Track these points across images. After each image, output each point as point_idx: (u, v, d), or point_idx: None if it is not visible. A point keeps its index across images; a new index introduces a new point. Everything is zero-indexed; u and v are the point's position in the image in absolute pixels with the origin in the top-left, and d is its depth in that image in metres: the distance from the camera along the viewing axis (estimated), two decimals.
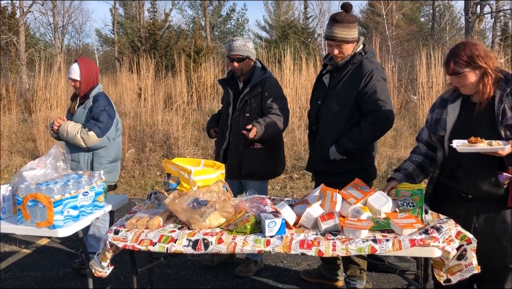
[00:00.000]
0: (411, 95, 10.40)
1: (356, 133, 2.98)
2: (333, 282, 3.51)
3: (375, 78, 2.94)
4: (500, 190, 2.26)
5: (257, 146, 3.49)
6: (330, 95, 3.09)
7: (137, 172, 7.71)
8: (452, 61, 2.28)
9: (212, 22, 30.35)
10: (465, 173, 2.34)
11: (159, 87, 10.79)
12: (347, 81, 3.03)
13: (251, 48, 3.51)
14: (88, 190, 2.72)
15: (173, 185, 2.60)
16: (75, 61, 3.79)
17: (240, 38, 3.55)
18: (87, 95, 3.74)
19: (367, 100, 2.94)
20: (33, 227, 2.48)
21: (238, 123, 3.51)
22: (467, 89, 2.32)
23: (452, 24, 26.51)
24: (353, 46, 3.04)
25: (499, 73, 2.29)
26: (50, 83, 10.48)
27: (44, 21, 29.55)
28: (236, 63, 3.48)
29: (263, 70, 3.57)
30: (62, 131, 3.59)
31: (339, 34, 2.96)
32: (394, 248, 2.08)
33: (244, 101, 3.50)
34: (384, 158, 7.39)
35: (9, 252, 4.43)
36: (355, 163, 3.06)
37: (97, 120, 3.63)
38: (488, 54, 2.26)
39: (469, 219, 2.33)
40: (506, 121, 2.20)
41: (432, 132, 2.53)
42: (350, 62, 3.04)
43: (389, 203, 2.33)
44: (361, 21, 28.79)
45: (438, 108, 2.51)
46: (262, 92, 3.47)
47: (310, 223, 2.34)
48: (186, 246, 2.21)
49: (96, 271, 2.41)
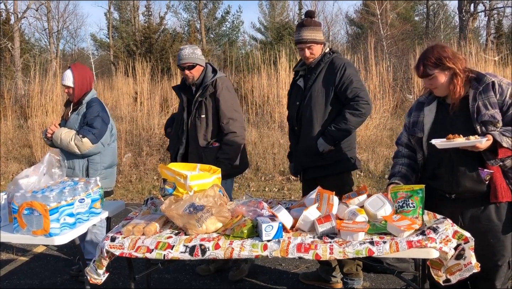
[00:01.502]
0: (407, 95, 10.42)
1: (341, 121, 3.15)
2: (332, 284, 3.51)
3: (348, 70, 3.18)
4: (482, 186, 2.32)
5: (215, 145, 3.54)
6: (308, 93, 3.27)
7: (134, 176, 7.69)
8: (422, 64, 2.39)
9: (207, 24, 30.34)
10: (446, 171, 2.40)
11: (155, 91, 10.77)
12: (323, 77, 3.24)
13: (199, 54, 3.60)
14: (84, 197, 2.70)
15: (169, 190, 2.60)
16: (69, 67, 3.77)
17: (188, 47, 3.61)
18: (81, 101, 3.72)
19: (346, 89, 3.15)
20: (29, 235, 2.47)
21: (194, 125, 3.56)
22: (439, 90, 2.41)
23: (446, 23, 26.61)
24: (321, 48, 3.29)
25: (471, 73, 2.38)
26: (46, 89, 10.46)
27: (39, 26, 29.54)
28: (187, 71, 3.57)
29: (213, 72, 3.65)
30: (56, 139, 3.58)
31: (308, 36, 3.22)
32: (392, 250, 2.07)
33: (198, 102, 3.55)
34: (381, 158, 7.40)
35: (6, 260, 4.41)
36: (340, 153, 3.24)
37: (91, 127, 3.60)
38: (456, 56, 2.36)
39: (455, 219, 2.36)
40: (481, 118, 2.28)
41: (410, 134, 2.61)
42: (322, 61, 3.27)
43: (386, 206, 2.33)
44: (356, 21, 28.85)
45: (415, 112, 2.61)
46: (215, 93, 3.54)
47: (307, 226, 2.33)
48: (183, 252, 2.21)
49: (91, 278, 2.40)
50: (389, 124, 9.00)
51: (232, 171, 3.55)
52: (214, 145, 3.54)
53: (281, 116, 9.30)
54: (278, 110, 9.45)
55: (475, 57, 9.31)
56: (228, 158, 3.47)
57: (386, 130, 8.72)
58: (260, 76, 10.44)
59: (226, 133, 3.51)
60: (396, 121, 9.17)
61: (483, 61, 9.35)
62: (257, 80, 10.42)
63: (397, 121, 9.18)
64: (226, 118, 3.52)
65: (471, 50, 9.50)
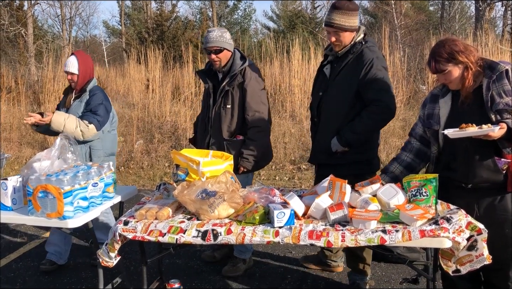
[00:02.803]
0: (420, 85, 10.31)
1: (357, 124, 2.96)
2: (332, 268, 3.52)
3: (376, 67, 2.92)
4: (499, 176, 2.30)
5: (239, 138, 3.42)
6: (331, 85, 3.08)
7: (146, 163, 7.74)
8: (433, 60, 2.35)
9: (219, 12, 30.18)
10: (463, 162, 2.38)
11: (167, 79, 10.79)
12: (348, 70, 3.00)
13: (228, 38, 3.39)
14: (97, 181, 2.73)
15: (181, 176, 2.61)
16: (72, 54, 3.75)
17: (216, 29, 3.42)
18: (84, 89, 3.72)
19: (368, 89, 2.91)
20: (43, 218, 2.50)
21: (219, 115, 3.41)
22: (454, 84, 2.38)
23: (462, 13, 26.17)
24: (352, 35, 3.00)
25: (483, 62, 2.34)
26: (59, 75, 10.53)
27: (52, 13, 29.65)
28: (213, 55, 3.36)
29: (242, 59, 3.45)
30: (58, 124, 3.49)
31: (336, 20, 2.94)
32: (404, 238, 2.07)
33: (224, 92, 3.39)
34: (393, 149, 7.35)
35: (20, 243, 4.48)
36: (358, 154, 3.04)
37: (95, 114, 3.61)
38: (468, 49, 2.32)
39: (470, 209, 2.34)
40: (496, 106, 2.26)
41: (426, 127, 2.57)
42: (350, 52, 3.01)
43: (399, 195, 2.32)
44: (369, 10, 28.49)
45: (429, 104, 2.57)
46: (243, 83, 3.37)
47: (319, 214, 2.33)
48: (195, 236, 2.22)
49: (103, 261, 2.44)
50: (402, 114, 8.92)
51: (255, 165, 3.42)
52: (238, 138, 3.40)
53: (292, 106, 9.27)
54: (289, 100, 9.41)
55: (491, 48, 9.17)
56: (252, 154, 3.33)
57: (398, 121, 8.64)
58: (272, 65, 10.39)
59: (250, 127, 3.36)
60: (409, 112, 9.09)
61: (499, 52, 9.21)
62: (269, 69, 10.38)
63: (410, 112, 9.09)
64: (252, 111, 3.35)
65: (487, 41, 9.36)
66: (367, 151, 3.09)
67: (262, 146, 3.41)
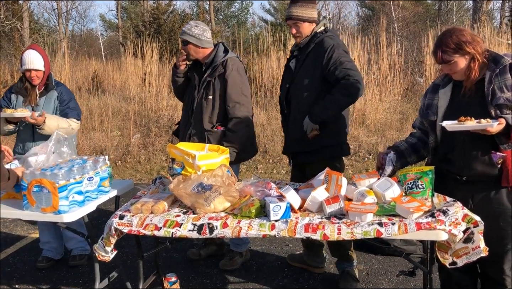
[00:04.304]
0: (418, 78, 10.31)
1: (328, 100, 3.00)
2: (314, 268, 3.55)
3: (337, 51, 3.00)
4: (494, 169, 2.28)
5: (219, 128, 3.42)
6: (297, 76, 3.18)
7: (143, 157, 7.73)
8: (440, 50, 2.30)
9: (216, 5, 30.03)
10: (459, 154, 2.36)
11: (164, 72, 10.75)
12: (311, 59, 3.10)
13: (195, 33, 3.40)
14: (93, 175, 2.71)
15: (177, 170, 2.60)
16: (32, 49, 3.53)
17: (192, 22, 3.48)
18: (49, 85, 3.60)
19: (334, 70, 2.97)
20: (38, 212, 2.49)
21: (200, 106, 3.44)
22: (458, 75, 2.35)
23: (460, 5, 26.09)
24: (311, 26, 3.13)
25: (488, 54, 2.31)
26: (55, 69, 10.48)
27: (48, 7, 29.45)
28: (183, 47, 3.48)
29: (225, 52, 3.49)
30: (52, 128, 3.32)
31: (294, 12, 3.09)
32: (400, 231, 2.06)
33: (206, 82, 3.42)
34: (391, 141, 7.34)
35: (17, 237, 4.47)
36: (329, 138, 3.12)
37: (73, 109, 3.60)
38: (475, 39, 2.28)
39: (465, 201, 2.33)
40: (496, 101, 2.22)
41: (423, 117, 2.55)
42: (312, 41, 3.12)
43: (394, 187, 2.31)
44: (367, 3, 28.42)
45: (430, 94, 2.55)
46: (224, 74, 3.38)
47: (315, 207, 2.33)
48: (191, 230, 2.21)
49: (99, 255, 2.43)
50: (399, 107, 8.92)
51: (237, 157, 3.39)
52: (219, 128, 3.41)
53: None
54: None
55: (488, 40, 9.15)
56: (231, 145, 3.30)
57: (396, 114, 8.65)
58: (269, 58, 10.36)
59: (231, 118, 3.37)
60: (406, 104, 9.09)
61: (496, 44, 9.19)
62: (266, 62, 10.34)
63: (408, 104, 9.09)
64: (232, 102, 3.38)
65: (485, 33, 9.34)
66: (337, 135, 3.18)
67: (242, 137, 3.41)
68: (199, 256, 3.84)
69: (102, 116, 8.92)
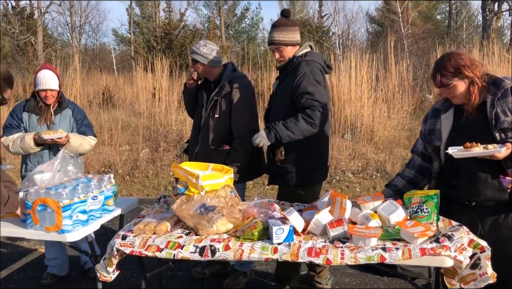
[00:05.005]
0: (426, 95, 10.26)
1: (291, 120, 2.98)
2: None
3: (307, 80, 3.00)
4: (504, 194, 2.25)
5: (225, 147, 3.41)
6: (275, 98, 3.25)
7: (151, 171, 7.75)
8: (439, 74, 2.30)
9: (226, 21, 30.35)
10: (466, 180, 2.33)
11: (174, 87, 10.81)
12: (286, 82, 3.14)
13: (204, 52, 3.40)
14: (97, 194, 2.72)
15: (181, 190, 2.60)
16: (46, 69, 3.55)
17: (201, 42, 3.50)
18: (65, 103, 3.65)
19: (300, 99, 2.99)
20: (42, 231, 2.49)
21: (207, 125, 3.44)
22: (458, 99, 2.34)
23: (469, 22, 26.09)
24: (294, 49, 3.15)
25: (488, 77, 2.30)
26: (67, 83, 10.60)
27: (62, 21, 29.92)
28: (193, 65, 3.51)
29: (233, 71, 3.52)
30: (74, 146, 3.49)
31: (276, 37, 3.11)
32: (404, 257, 2.03)
33: (213, 101, 3.42)
34: (398, 159, 7.30)
35: (22, 253, 4.48)
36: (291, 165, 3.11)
37: (88, 126, 3.73)
38: (473, 63, 2.28)
39: (474, 226, 2.29)
40: (500, 125, 2.21)
41: (427, 142, 2.53)
42: (289, 65, 3.14)
43: (398, 210, 2.28)
44: (376, 19, 28.50)
45: (431, 119, 2.53)
46: (230, 93, 3.38)
47: (318, 230, 2.30)
48: (193, 252, 2.20)
49: (101, 275, 2.42)
50: (408, 124, 8.87)
51: (241, 177, 3.37)
52: (225, 147, 3.40)
53: None
54: None
55: (498, 57, 9.09)
56: (235, 164, 3.27)
57: (404, 131, 8.59)
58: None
59: (235, 137, 3.37)
60: (415, 122, 9.03)
61: (506, 62, 9.13)
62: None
63: (416, 122, 9.03)
64: (237, 121, 3.38)
65: (494, 50, 9.29)
66: (300, 162, 3.12)
67: (246, 156, 3.38)
68: (203, 275, 3.81)
69: (112, 130, 8.98)
